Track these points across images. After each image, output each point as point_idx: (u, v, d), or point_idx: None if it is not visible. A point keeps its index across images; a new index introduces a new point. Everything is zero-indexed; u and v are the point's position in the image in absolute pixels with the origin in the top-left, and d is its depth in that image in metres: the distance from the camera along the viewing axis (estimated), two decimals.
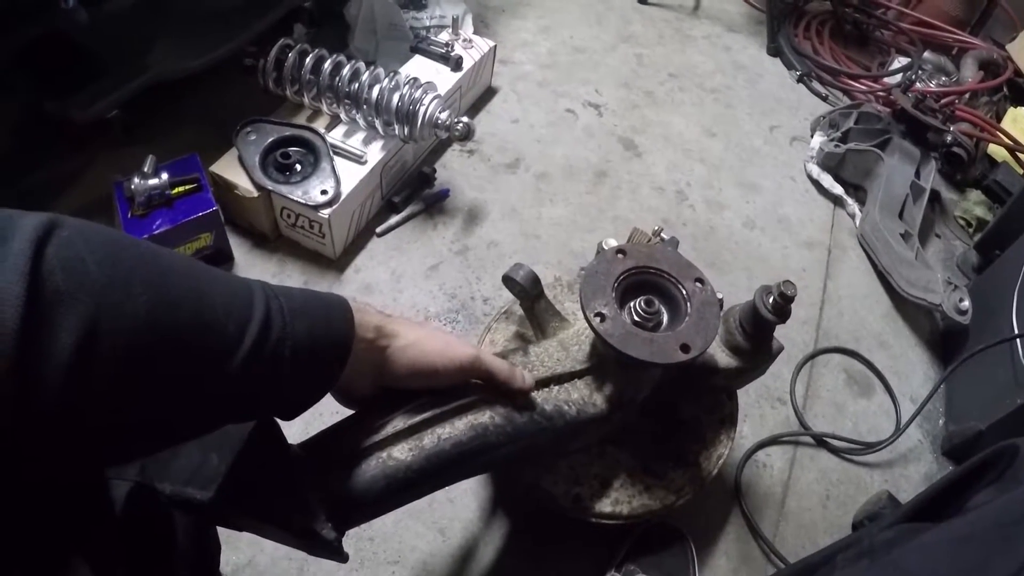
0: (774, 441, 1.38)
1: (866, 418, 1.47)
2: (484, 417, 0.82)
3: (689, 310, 0.93)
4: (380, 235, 1.59)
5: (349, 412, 0.79)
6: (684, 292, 0.95)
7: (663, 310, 0.96)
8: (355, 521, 0.76)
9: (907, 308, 1.67)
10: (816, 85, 2.32)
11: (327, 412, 0.74)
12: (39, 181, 1.55)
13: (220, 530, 0.82)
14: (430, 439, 0.77)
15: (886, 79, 2.30)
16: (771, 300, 0.97)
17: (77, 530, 0.55)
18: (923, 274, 1.61)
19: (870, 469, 1.39)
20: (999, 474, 0.70)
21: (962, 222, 1.96)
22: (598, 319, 0.88)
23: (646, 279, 0.97)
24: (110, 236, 0.48)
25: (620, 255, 0.97)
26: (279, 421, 0.68)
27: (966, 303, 1.54)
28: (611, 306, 0.90)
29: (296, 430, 0.70)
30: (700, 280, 0.96)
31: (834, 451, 1.40)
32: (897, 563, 0.65)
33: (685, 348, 0.88)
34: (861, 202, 1.88)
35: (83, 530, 0.56)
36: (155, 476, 0.67)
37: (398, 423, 0.77)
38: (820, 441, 1.41)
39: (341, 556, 0.71)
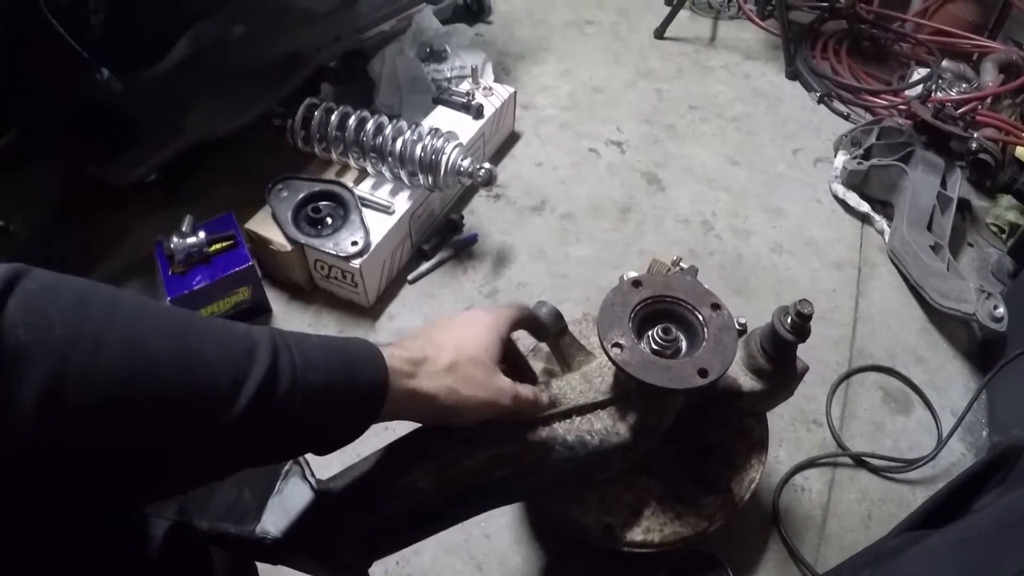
0: (811, 464, 1.37)
1: (906, 435, 1.45)
2: (507, 449, 0.84)
3: (706, 335, 0.94)
4: (412, 282, 1.64)
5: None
6: (701, 318, 0.96)
7: (681, 337, 0.97)
8: (383, 552, 0.79)
9: (942, 321, 1.66)
10: (837, 104, 2.33)
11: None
12: (85, 242, 1.64)
13: (262, 569, 0.85)
14: (454, 471, 0.80)
15: (906, 92, 2.30)
16: (789, 320, 0.98)
17: (103, 561, 0.57)
18: (955, 284, 1.59)
19: (912, 486, 1.37)
20: (1006, 475, 0.70)
21: (995, 229, 1.94)
22: (616, 349, 0.90)
23: (663, 308, 0.98)
24: (81, 293, 0.48)
25: (636, 286, 0.99)
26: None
27: (1001, 310, 1.53)
28: (628, 336, 0.92)
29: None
30: (716, 305, 0.97)
31: (874, 470, 1.38)
32: (899, 569, 0.65)
33: (703, 373, 0.89)
34: (889, 217, 1.88)
35: (110, 562, 0.58)
36: (193, 512, 0.71)
37: (422, 454, 0.79)
38: (859, 461, 1.39)
39: None
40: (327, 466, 0.76)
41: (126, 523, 0.64)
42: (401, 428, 1.31)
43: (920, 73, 2.38)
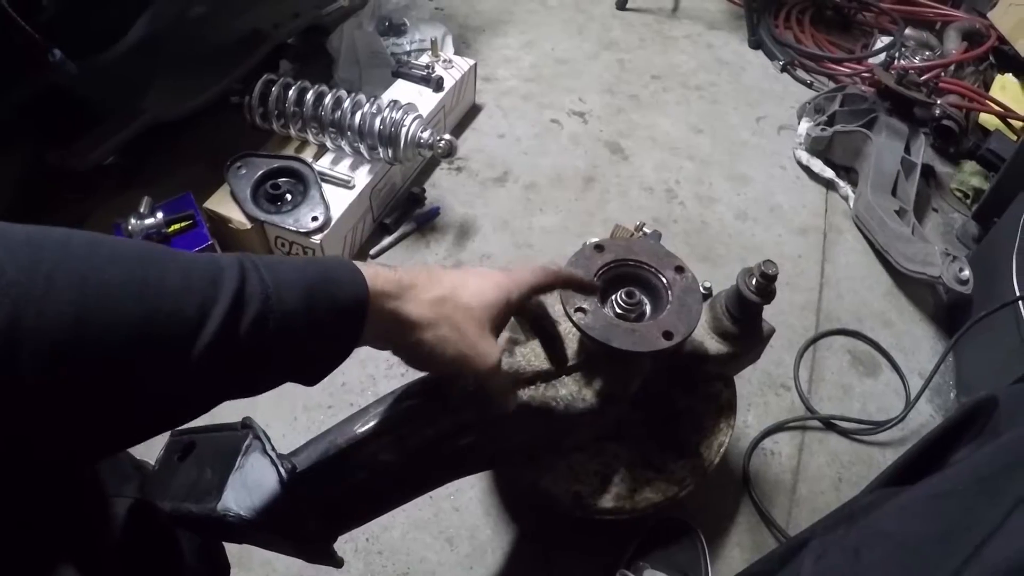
0: (780, 428, 1.37)
1: (874, 398, 1.45)
2: (470, 416, 0.82)
3: (671, 298, 0.93)
4: (374, 257, 1.61)
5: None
6: (664, 281, 0.95)
7: (645, 300, 0.96)
8: (348, 526, 0.77)
9: (909, 284, 1.66)
10: (800, 73, 2.32)
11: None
12: None
13: (231, 551, 0.83)
14: (416, 440, 0.78)
15: (870, 60, 2.30)
16: (754, 281, 0.97)
17: (67, 538, 0.55)
18: (921, 248, 1.60)
19: (882, 448, 1.38)
20: (980, 429, 0.69)
21: (959, 194, 1.95)
22: (579, 314, 0.89)
23: (626, 271, 0.97)
24: (31, 236, 0.45)
25: (598, 250, 0.97)
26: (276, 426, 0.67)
27: (966, 272, 1.53)
28: (591, 300, 0.90)
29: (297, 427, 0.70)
30: (680, 268, 0.96)
31: (843, 433, 1.39)
32: (874, 525, 0.63)
33: (668, 335, 0.88)
34: (853, 183, 1.88)
35: (74, 539, 0.56)
36: (155, 494, 0.69)
37: (384, 424, 0.77)
38: (828, 424, 1.39)
39: (335, 561, 0.72)
40: (289, 442, 0.74)
41: (86, 501, 0.61)
42: (362, 401, 1.30)
43: (883, 42, 2.39)
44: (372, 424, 0.78)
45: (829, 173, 1.90)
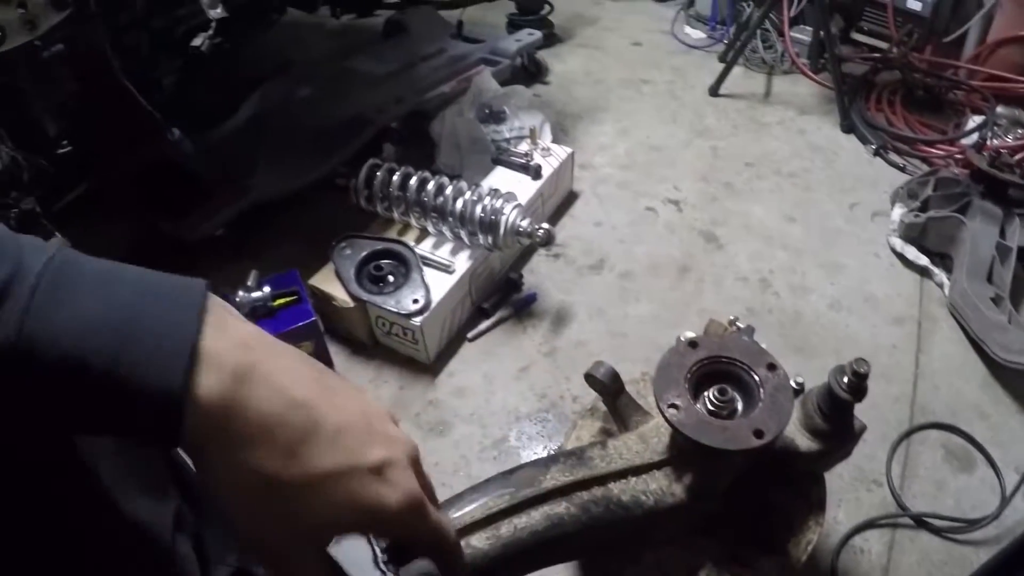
0: (871, 525, 1.35)
1: (969, 494, 1.42)
2: (560, 507, 0.86)
3: (762, 396, 0.96)
4: (471, 340, 1.67)
5: None
6: (757, 379, 0.97)
7: (737, 398, 0.98)
8: None
9: (1006, 375, 1.63)
10: (893, 156, 2.32)
11: None
12: None
13: None
14: (507, 528, 0.82)
15: (962, 140, 2.28)
16: (845, 380, 0.98)
17: None
18: (1018, 337, 1.57)
19: (976, 547, 1.34)
20: None
21: None
22: (672, 410, 0.92)
23: (719, 368, 1.00)
24: None
25: (692, 346, 1.01)
26: None
27: None
28: (684, 397, 0.94)
29: None
30: (772, 365, 0.98)
31: (936, 531, 1.36)
32: None
33: (759, 433, 0.90)
34: (948, 270, 1.86)
35: None
36: (253, 564, 0.75)
37: (476, 512, 0.82)
38: (920, 522, 1.37)
39: None
40: None
41: (188, 570, 0.67)
42: (455, 482, 1.34)
43: (975, 121, 2.37)
44: (466, 510, 0.83)
45: (924, 260, 1.89)
